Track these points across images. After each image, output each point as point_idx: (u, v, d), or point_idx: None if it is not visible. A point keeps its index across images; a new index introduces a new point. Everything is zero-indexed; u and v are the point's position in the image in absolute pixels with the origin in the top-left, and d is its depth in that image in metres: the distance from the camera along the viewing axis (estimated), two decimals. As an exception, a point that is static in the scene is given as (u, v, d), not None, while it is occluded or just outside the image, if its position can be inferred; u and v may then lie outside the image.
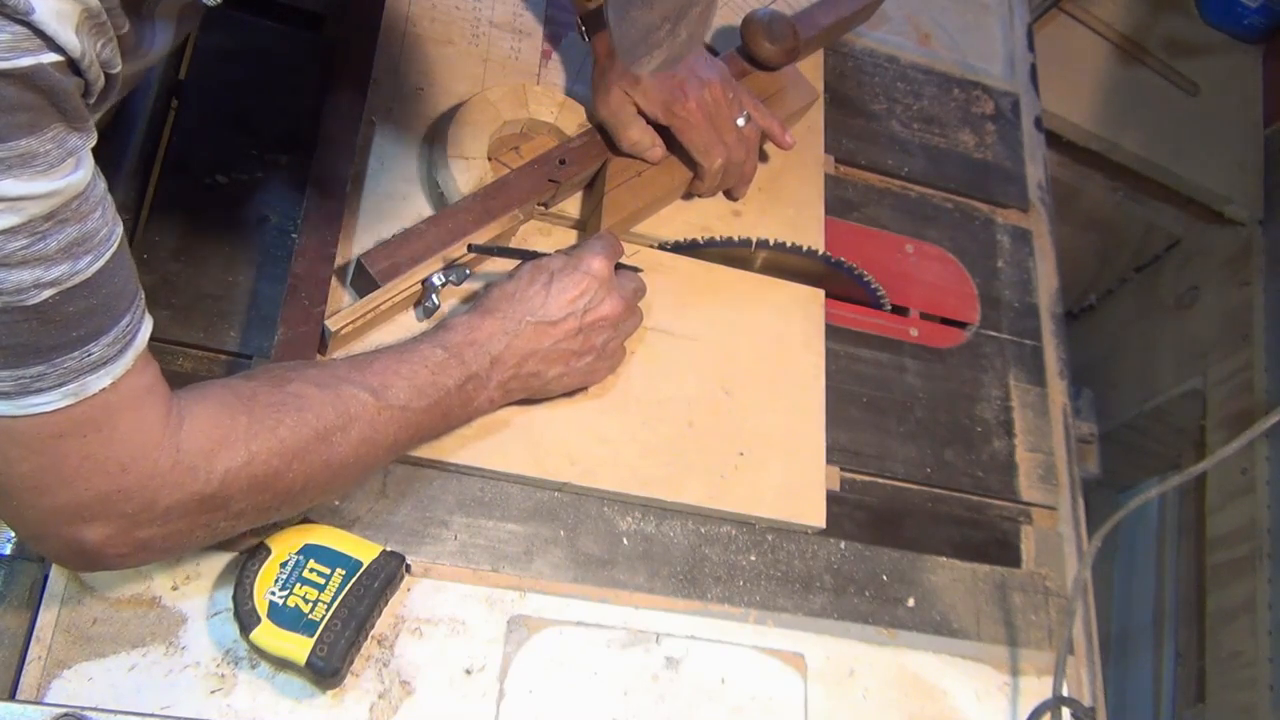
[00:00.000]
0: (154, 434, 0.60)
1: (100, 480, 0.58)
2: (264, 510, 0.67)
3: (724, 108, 0.93)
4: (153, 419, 0.60)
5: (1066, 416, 1.06)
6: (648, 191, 0.93)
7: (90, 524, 0.59)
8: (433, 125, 0.93)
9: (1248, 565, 1.46)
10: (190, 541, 0.65)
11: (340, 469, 0.69)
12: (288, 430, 0.66)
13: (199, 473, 0.62)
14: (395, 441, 0.73)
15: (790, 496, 0.90)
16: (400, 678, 0.75)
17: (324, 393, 0.69)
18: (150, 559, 0.65)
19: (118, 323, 0.56)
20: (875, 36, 1.19)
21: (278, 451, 0.65)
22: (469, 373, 0.77)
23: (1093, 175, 1.66)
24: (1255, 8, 1.67)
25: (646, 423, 0.88)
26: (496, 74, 0.98)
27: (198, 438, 0.62)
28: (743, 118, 0.94)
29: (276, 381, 0.69)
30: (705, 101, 0.92)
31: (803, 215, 1.02)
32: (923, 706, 0.88)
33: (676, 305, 0.93)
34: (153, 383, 0.60)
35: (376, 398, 0.71)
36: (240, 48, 0.92)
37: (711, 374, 0.92)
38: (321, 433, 0.67)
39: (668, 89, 0.91)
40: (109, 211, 0.54)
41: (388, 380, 0.72)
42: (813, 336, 0.97)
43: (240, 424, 0.64)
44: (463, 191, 0.88)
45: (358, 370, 0.72)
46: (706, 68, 0.93)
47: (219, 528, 0.66)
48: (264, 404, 0.66)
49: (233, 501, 0.64)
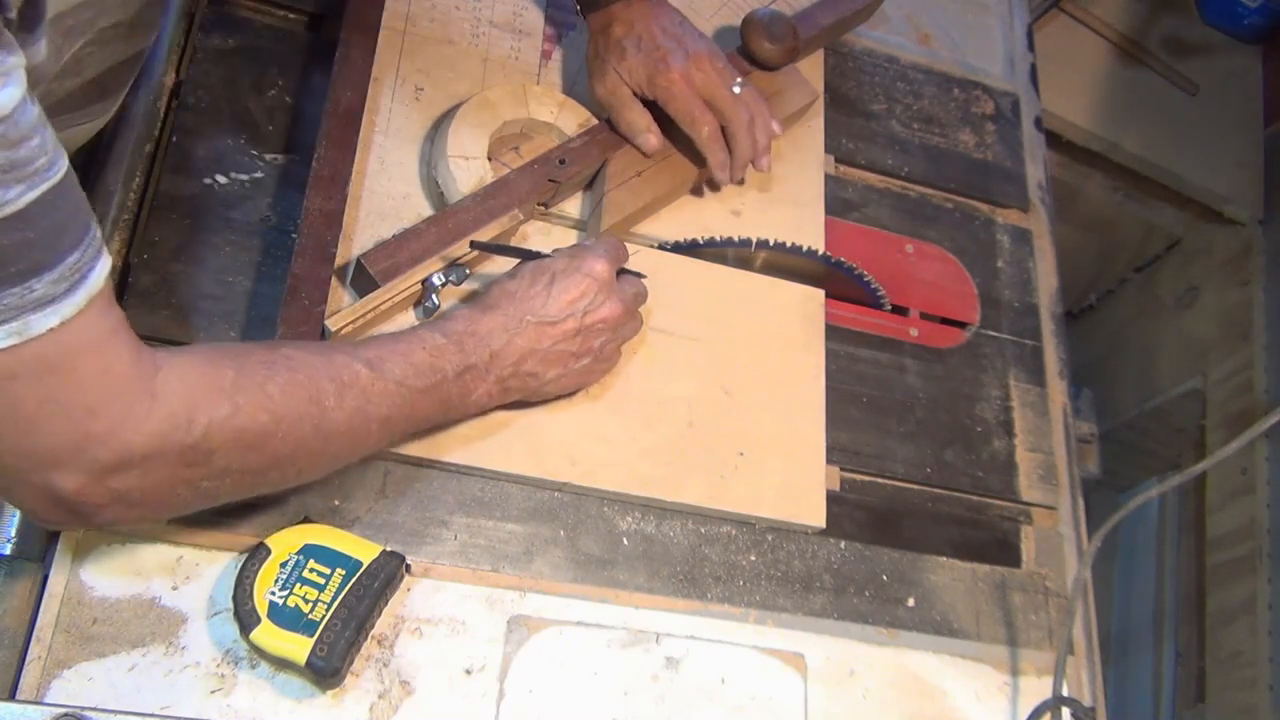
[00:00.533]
0: (123, 379, 0.58)
1: (65, 425, 0.56)
2: (252, 473, 0.66)
3: (713, 76, 0.92)
4: (120, 364, 0.58)
5: (1066, 416, 1.06)
6: (648, 191, 0.93)
7: (60, 471, 0.57)
8: (433, 125, 0.93)
9: (1248, 565, 1.46)
10: (173, 499, 0.64)
11: (332, 436, 0.68)
12: (277, 389, 0.65)
13: (178, 420, 0.60)
14: (389, 417, 0.72)
15: (790, 496, 0.90)
16: (400, 678, 0.76)
17: (318, 359, 0.68)
18: (131, 515, 0.63)
19: (63, 260, 0.54)
20: (875, 36, 1.19)
21: (266, 408, 0.64)
22: (468, 363, 0.76)
23: (1093, 175, 1.66)
24: (1255, 8, 1.67)
25: (647, 423, 0.88)
26: (496, 74, 0.98)
27: (177, 385, 0.60)
28: (737, 84, 0.93)
29: (269, 345, 0.68)
30: (689, 72, 0.91)
31: (803, 215, 1.02)
32: (923, 706, 0.88)
33: (676, 305, 0.93)
34: (116, 326, 0.58)
35: (371, 369, 0.70)
36: (240, 48, 0.92)
37: (711, 374, 0.92)
38: (314, 395, 0.66)
39: (651, 61, 0.91)
40: (47, 141, 0.52)
41: (383, 355, 0.72)
42: (813, 336, 0.97)
43: (226, 376, 0.62)
44: (463, 191, 0.88)
45: (352, 346, 0.72)
46: (694, 40, 0.93)
47: (203, 487, 0.64)
48: (255, 361, 0.65)
49: (216, 456, 0.62)
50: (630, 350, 0.89)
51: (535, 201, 0.90)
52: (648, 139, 0.93)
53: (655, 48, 0.91)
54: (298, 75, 0.93)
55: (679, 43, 0.92)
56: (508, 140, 0.94)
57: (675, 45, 0.92)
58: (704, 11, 1.09)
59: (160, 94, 0.87)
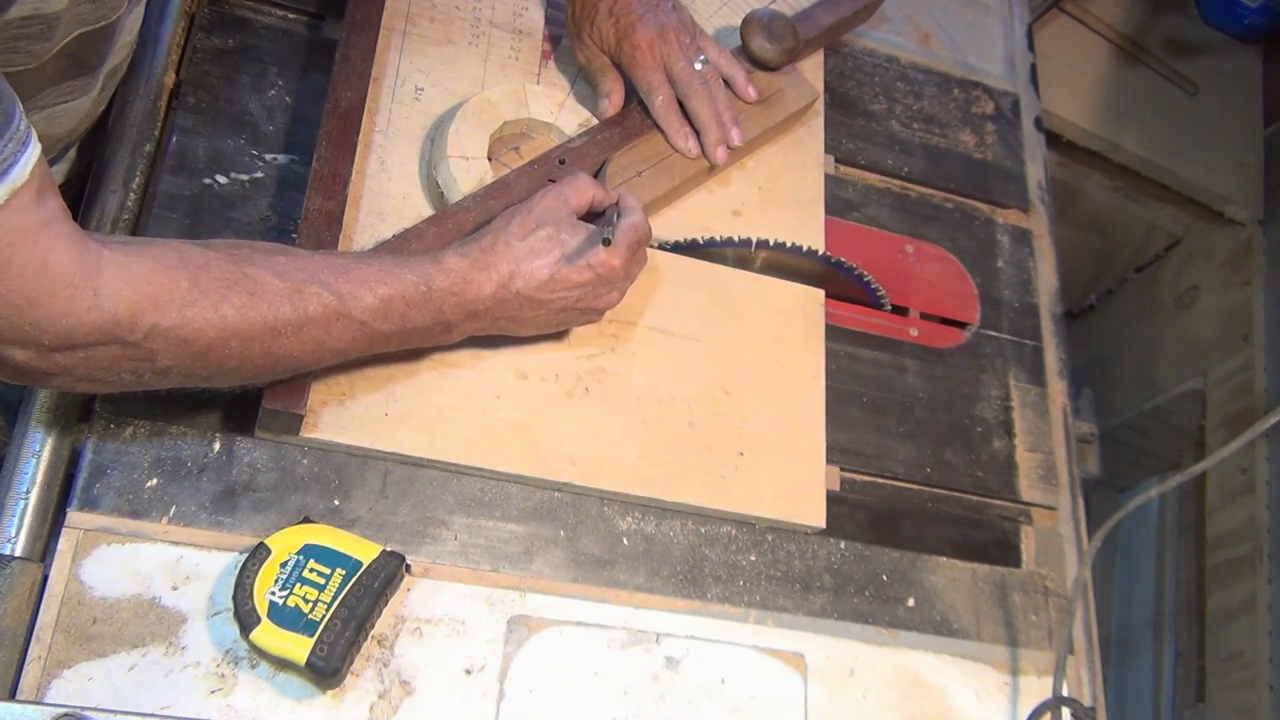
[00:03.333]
0: (63, 273, 0.58)
1: (7, 311, 0.58)
2: (194, 376, 0.67)
3: (675, 49, 0.93)
4: (57, 258, 0.58)
5: (1066, 416, 1.06)
6: (648, 191, 0.93)
7: (8, 346, 0.60)
8: (433, 125, 0.93)
9: (1248, 565, 1.46)
10: (116, 378, 0.65)
11: (281, 360, 0.69)
12: (232, 310, 0.65)
13: (121, 322, 0.61)
14: (344, 351, 0.73)
15: (790, 496, 0.90)
16: (400, 678, 0.76)
17: (284, 285, 0.68)
18: (78, 385, 0.65)
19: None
20: (875, 36, 1.19)
21: (216, 327, 0.64)
22: (442, 320, 0.76)
23: (1093, 175, 1.66)
24: (1255, 8, 1.66)
25: (647, 423, 0.88)
26: (496, 74, 0.98)
27: (123, 289, 0.61)
28: (699, 61, 0.95)
29: (236, 259, 0.67)
30: (654, 42, 0.93)
31: (803, 215, 1.02)
32: (923, 706, 0.88)
33: (677, 305, 0.93)
34: (50, 220, 0.58)
35: (341, 304, 0.70)
36: (240, 48, 0.92)
37: (712, 374, 0.92)
38: (270, 324, 0.66)
39: (621, 27, 0.93)
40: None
41: (359, 292, 0.71)
42: (813, 337, 0.97)
43: (179, 288, 0.63)
44: (463, 191, 0.88)
45: (331, 271, 0.71)
46: (667, 12, 0.94)
47: (145, 377, 0.65)
48: (213, 277, 0.65)
49: (159, 357, 0.63)
50: (630, 350, 0.89)
51: None
52: (604, 104, 0.96)
53: (627, 12, 0.93)
54: (298, 75, 0.93)
55: (652, 12, 0.93)
56: (507, 140, 0.94)
57: (647, 13, 0.93)
58: (704, 11, 1.09)
59: (160, 94, 0.87)
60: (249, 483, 0.78)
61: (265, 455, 0.79)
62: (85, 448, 0.75)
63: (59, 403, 0.75)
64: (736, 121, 0.97)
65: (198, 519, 0.76)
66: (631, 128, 0.95)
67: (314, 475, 0.79)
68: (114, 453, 0.76)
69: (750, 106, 1.00)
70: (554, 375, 0.87)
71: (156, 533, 0.74)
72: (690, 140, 0.95)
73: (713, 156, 0.96)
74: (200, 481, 0.77)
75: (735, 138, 0.96)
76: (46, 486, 0.73)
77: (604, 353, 0.89)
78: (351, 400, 0.80)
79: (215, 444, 0.78)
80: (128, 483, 0.75)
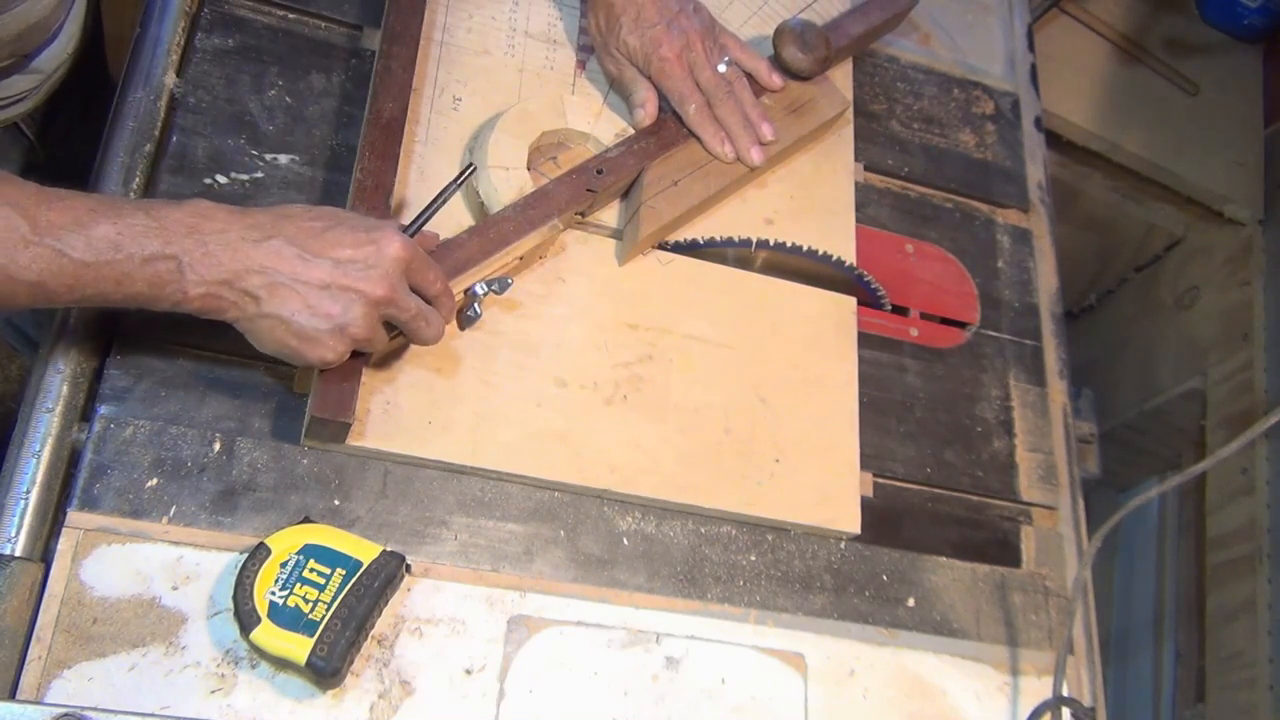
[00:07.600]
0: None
1: None
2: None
3: (700, 55, 0.94)
4: None
5: (1066, 416, 1.06)
6: (684, 200, 0.94)
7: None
8: (473, 136, 0.93)
9: (1248, 565, 1.46)
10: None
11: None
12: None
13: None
14: (40, 283, 0.65)
15: (825, 503, 0.90)
16: (400, 678, 0.76)
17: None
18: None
19: None
20: (875, 36, 1.19)
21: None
22: (167, 253, 0.67)
23: (1093, 175, 1.66)
24: (1255, 8, 1.66)
25: (684, 430, 0.88)
26: (532, 84, 0.98)
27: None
28: (723, 63, 0.95)
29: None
30: (682, 52, 0.94)
31: (834, 224, 1.02)
32: (923, 706, 0.88)
33: (710, 313, 0.94)
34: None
35: (34, 229, 0.64)
36: (240, 48, 0.92)
37: (747, 382, 0.92)
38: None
39: (646, 41, 0.93)
40: None
41: (59, 219, 0.65)
42: (845, 344, 0.97)
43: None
44: (504, 201, 0.88)
45: (32, 196, 0.65)
46: (689, 16, 0.95)
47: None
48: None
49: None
50: (667, 358, 0.90)
51: (573, 211, 0.90)
52: (639, 113, 0.96)
53: (650, 25, 0.93)
54: (298, 75, 0.93)
55: (674, 20, 0.94)
56: (545, 150, 0.95)
57: (670, 23, 0.93)
58: (734, 20, 1.08)
59: (160, 94, 0.87)
60: (249, 483, 0.78)
61: (265, 455, 0.79)
62: (85, 448, 0.75)
63: (59, 403, 0.75)
64: (766, 117, 0.98)
65: (198, 519, 0.76)
66: (668, 137, 0.96)
67: (314, 475, 0.79)
68: (114, 453, 0.76)
69: (783, 116, 1.00)
70: (593, 383, 0.87)
71: (157, 533, 0.74)
72: (727, 145, 0.96)
73: (747, 159, 0.97)
74: (200, 481, 0.77)
75: (767, 133, 0.97)
76: (47, 486, 0.73)
77: (641, 360, 0.90)
78: (395, 409, 0.81)
79: (215, 444, 0.78)
80: (128, 483, 0.75)
